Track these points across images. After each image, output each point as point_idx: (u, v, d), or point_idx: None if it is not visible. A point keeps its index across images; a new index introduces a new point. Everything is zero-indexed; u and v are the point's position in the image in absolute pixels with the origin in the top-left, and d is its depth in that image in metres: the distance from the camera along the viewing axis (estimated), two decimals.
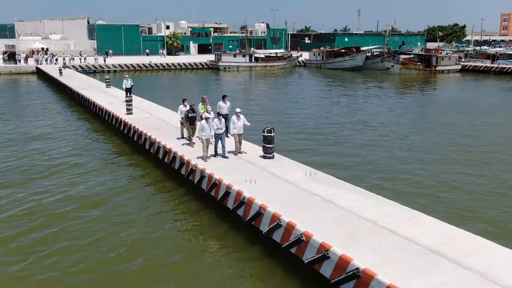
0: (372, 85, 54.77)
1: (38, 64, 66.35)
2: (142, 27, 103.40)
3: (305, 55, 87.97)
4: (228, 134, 17.15)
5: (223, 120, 16.47)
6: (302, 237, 10.11)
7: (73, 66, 67.22)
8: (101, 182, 16.68)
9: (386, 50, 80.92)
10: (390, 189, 15.54)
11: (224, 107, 18.67)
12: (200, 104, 19.17)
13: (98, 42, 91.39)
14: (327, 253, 9.37)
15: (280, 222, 10.86)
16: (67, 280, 10.06)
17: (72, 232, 12.42)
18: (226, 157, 16.11)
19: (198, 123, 17.37)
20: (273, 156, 16.12)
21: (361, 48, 79.06)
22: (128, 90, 29.88)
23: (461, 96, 45.75)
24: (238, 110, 16.43)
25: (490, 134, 25.47)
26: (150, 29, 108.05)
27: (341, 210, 11.40)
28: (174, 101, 30.55)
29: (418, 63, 70.16)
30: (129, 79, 30.32)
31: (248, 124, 16.51)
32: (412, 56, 73.62)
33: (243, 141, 16.94)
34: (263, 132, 15.86)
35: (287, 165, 15.40)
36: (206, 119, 15.95)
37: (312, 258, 9.74)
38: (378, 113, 32.69)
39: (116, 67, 70.84)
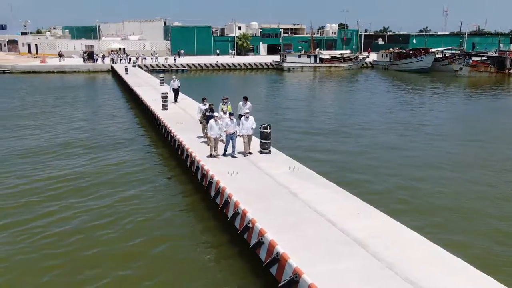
0: (433, 88, 53.05)
1: (113, 63, 71.27)
2: (215, 28, 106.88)
3: (373, 56, 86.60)
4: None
5: (234, 120, 16.67)
6: (249, 223, 10.94)
7: (144, 65, 71.59)
8: (117, 165, 18.45)
9: (459, 52, 77.52)
10: (376, 190, 15.80)
11: (243, 108, 19.00)
12: (221, 104, 19.80)
13: (172, 42, 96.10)
14: (262, 239, 10.14)
15: (238, 209, 11.75)
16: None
17: (71, 213, 14.11)
18: (235, 157, 16.36)
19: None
20: (270, 151, 16.88)
21: (430, 49, 76.34)
22: (176, 91, 30.96)
23: None
24: (247, 111, 17.20)
25: None
26: (222, 30, 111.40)
27: (299, 202, 12.03)
28: (218, 100, 32.08)
29: (490, 66, 66.54)
30: (176, 80, 31.42)
31: (253, 126, 16.61)
32: (484, 58, 69.89)
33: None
34: (260, 128, 16.68)
35: (278, 160, 16.12)
36: (214, 118, 16.64)
37: (254, 243, 10.54)
38: (417, 116, 32.03)
39: (184, 66, 74.28)
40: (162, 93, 26.85)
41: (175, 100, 30.50)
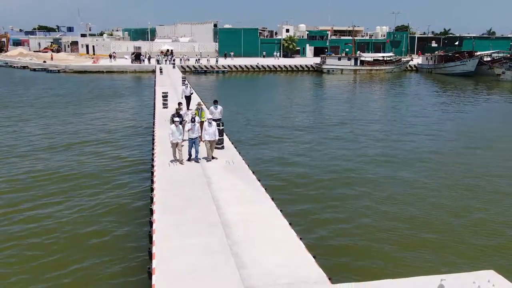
0: (466, 92, 51.86)
1: (158, 63, 74.99)
2: (263, 30, 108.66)
3: (418, 60, 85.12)
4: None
5: (197, 125, 16.63)
6: (151, 205, 12.58)
7: (187, 66, 74.82)
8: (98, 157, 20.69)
9: (508, 55, 74.48)
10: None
11: (215, 112, 19.73)
12: (194, 109, 19.93)
13: (219, 44, 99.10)
14: (151, 218, 11.73)
15: (152, 194, 13.41)
16: None
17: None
18: (198, 162, 16.41)
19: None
20: (223, 147, 18.33)
21: (475, 52, 73.94)
22: (187, 98, 29.14)
23: None
24: (209, 116, 18.10)
25: None
26: (272, 32, 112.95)
27: (206, 190, 13.46)
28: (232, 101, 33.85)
29: None
30: (188, 87, 30.66)
31: (217, 134, 17.00)
32: None
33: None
34: None
35: (224, 154, 17.48)
36: (175, 123, 16.92)
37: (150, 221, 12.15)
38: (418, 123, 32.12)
39: (225, 68, 76.69)
40: (163, 92, 28.91)
41: (187, 108, 27.99)
